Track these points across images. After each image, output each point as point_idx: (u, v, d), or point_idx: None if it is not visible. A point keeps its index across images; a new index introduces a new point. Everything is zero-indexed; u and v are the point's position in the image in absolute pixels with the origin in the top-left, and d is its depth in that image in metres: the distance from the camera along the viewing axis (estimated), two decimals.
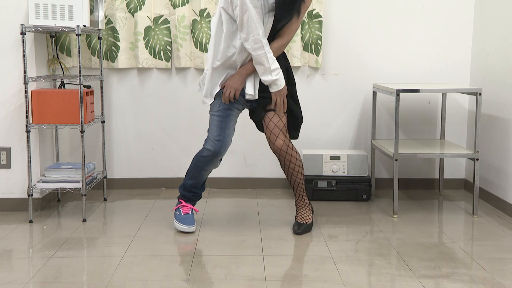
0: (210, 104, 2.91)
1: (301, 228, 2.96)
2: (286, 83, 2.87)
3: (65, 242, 2.83)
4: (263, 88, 2.86)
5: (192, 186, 3.02)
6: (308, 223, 3.00)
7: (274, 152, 2.92)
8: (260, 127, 3.04)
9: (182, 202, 3.03)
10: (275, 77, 2.77)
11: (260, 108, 2.90)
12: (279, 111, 2.87)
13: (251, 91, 2.84)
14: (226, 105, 2.86)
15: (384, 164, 3.92)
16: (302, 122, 3.00)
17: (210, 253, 2.67)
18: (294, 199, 3.11)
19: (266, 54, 2.74)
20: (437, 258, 2.60)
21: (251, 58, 2.79)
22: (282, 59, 2.91)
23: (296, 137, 3.02)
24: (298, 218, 3.02)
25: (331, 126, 3.89)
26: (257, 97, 2.86)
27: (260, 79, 2.83)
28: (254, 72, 2.84)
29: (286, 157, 2.91)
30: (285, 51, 3.71)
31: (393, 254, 2.67)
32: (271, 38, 2.82)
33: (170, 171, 3.89)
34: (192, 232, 2.96)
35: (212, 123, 2.88)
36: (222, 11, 2.78)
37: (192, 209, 3.02)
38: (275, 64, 2.77)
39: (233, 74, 2.85)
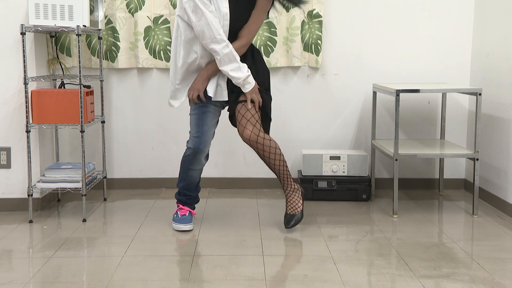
0: (190, 105, 2.96)
1: (291, 222, 2.94)
2: (261, 75, 2.91)
3: (65, 242, 2.83)
4: (231, 86, 2.88)
5: (185, 189, 3.03)
6: (297, 213, 2.97)
7: (245, 142, 2.92)
8: (235, 123, 3.05)
9: (179, 206, 3.05)
10: (246, 73, 2.79)
11: (231, 105, 2.94)
12: (256, 107, 2.87)
13: (211, 92, 2.87)
14: (202, 103, 2.89)
15: (384, 164, 3.92)
16: (270, 121, 3.00)
17: (210, 253, 2.67)
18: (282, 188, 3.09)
19: (232, 52, 2.75)
20: (437, 258, 2.60)
21: (213, 60, 2.82)
22: (250, 56, 2.93)
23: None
24: (288, 209, 2.98)
25: (331, 126, 3.89)
26: (224, 99, 2.88)
27: (224, 81, 2.87)
28: (215, 73, 2.86)
29: (258, 146, 2.90)
30: (285, 51, 3.74)
31: (393, 254, 2.67)
32: (231, 41, 2.83)
33: (170, 171, 3.89)
34: (189, 231, 2.97)
35: (191, 122, 2.94)
36: (178, 19, 2.81)
37: (189, 211, 3.03)
38: (242, 63, 2.81)
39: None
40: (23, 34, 3.07)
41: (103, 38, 3.68)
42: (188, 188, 3.03)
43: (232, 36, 2.82)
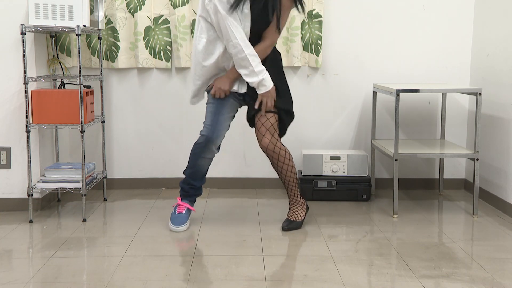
0: (207, 96, 2.99)
1: (289, 225, 3.00)
2: (278, 77, 2.93)
3: (65, 242, 2.83)
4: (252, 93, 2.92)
5: (190, 177, 3.03)
6: (298, 221, 3.03)
7: (262, 150, 2.96)
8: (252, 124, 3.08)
9: (179, 200, 3.06)
10: (261, 77, 2.81)
11: (250, 107, 2.97)
12: (263, 111, 2.90)
13: (236, 87, 2.92)
14: None
15: (384, 164, 3.92)
16: (291, 119, 3.01)
17: (210, 253, 2.67)
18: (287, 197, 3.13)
19: (248, 57, 2.77)
20: (437, 258, 2.60)
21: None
22: (272, 58, 2.94)
23: (282, 134, 3.03)
24: (289, 215, 3.05)
25: (331, 126, 3.89)
26: (244, 90, 2.92)
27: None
28: (240, 76, 2.89)
29: (274, 156, 2.94)
30: (285, 51, 3.74)
31: (393, 254, 2.67)
32: (255, 42, 2.85)
33: (170, 171, 3.89)
34: (180, 232, 2.97)
35: (207, 111, 2.96)
36: (201, 19, 2.84)
37: (187, 208, 3.03)
38: (260, 66, 2.82)
39: (221, 76, 2.92)
40: (23, 34, 3.07)
41: (103, 38, 3.68)
42: (193, 177, 3.03)
43: (256, 37, 2.85)
